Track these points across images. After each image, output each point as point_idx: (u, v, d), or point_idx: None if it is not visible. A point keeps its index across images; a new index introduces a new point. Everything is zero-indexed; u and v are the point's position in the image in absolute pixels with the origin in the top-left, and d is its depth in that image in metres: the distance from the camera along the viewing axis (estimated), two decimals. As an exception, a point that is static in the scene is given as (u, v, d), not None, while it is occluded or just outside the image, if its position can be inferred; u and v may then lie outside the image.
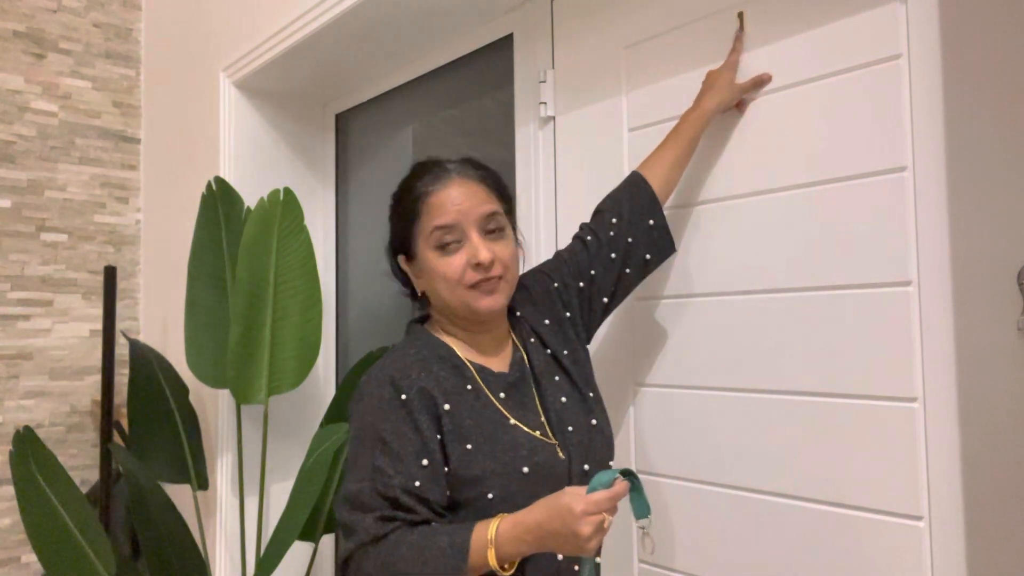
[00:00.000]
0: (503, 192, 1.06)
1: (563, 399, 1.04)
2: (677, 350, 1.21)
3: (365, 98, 2.06)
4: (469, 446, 0.95)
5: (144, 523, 1.75)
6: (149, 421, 1.97)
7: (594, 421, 1.05)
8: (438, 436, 0.95)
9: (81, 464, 2.43)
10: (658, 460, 1.23)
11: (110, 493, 2.03)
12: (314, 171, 2.19)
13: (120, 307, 2.51)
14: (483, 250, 0.98)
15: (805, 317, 1.04)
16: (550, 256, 1.42)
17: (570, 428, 1.02)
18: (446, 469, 0.95)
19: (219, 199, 1.90)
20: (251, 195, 1.97)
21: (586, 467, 1.01)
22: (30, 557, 2.32)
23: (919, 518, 0.92)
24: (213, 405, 2.08)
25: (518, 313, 1.12)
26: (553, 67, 1.45)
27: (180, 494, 2.10)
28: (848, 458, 0.99)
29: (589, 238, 1.13)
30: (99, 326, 2.46)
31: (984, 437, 0.87)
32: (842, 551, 0.99)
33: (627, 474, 0.88)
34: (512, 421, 0.99)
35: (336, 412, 1.86)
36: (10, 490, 2.26)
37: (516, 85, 1.54)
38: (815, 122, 1.04)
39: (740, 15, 1.13)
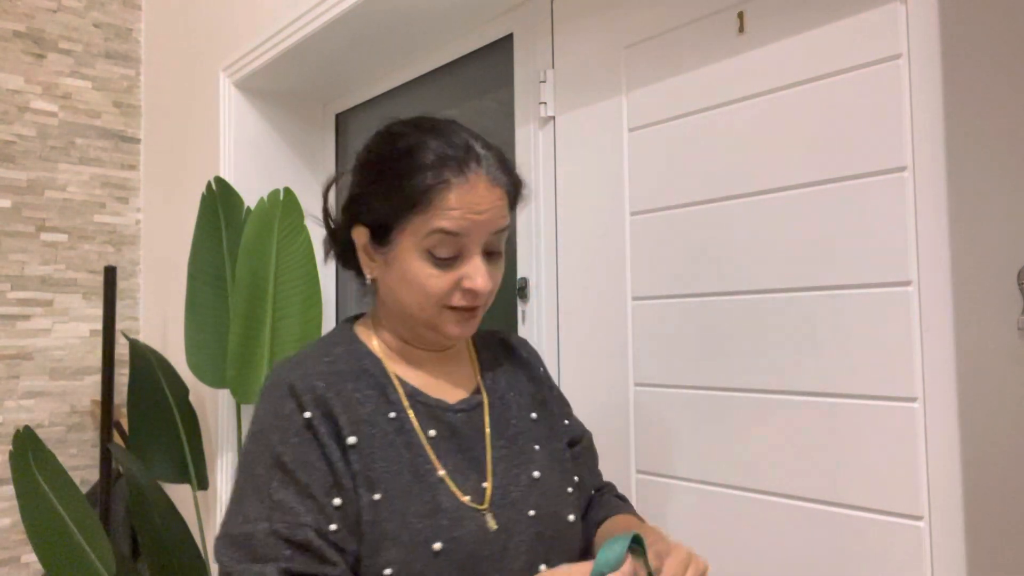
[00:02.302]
0: (515, 203, 0.87)
1: (535, 474, 0.84)
2: (676, 350, 1.21)
3: (365, 98, 2.06)
4: (378, 495, 0.74)
5: (144, 523, 1.75)
6: (149, 421, 1.97)
7: (571, 517, 0.85)
8: (351, 473, 0.75)
9: (81, 464, 2.43)
10: (657, 460, 1.23)
11: (110, 493, 2.03)
12: (314, 171, 2.19)
13: (120, 307, 2.50)
14: (483, 278, 0.79)
15: (805, 317, 1.04)
16: (550, 255, 1.42)
17: (531, 512, 0.81)
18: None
19: (219, 199, 1.90)
20: (251, 195, 1.97)
21: (542, 567, 0.79)
22: (30, 557, 2.32)
23: (919, 518, 0.92)
24: (213, 405, 2.08)
25: (498, 359, 0.94)
26: (553, 67, 1.45)
27: (180, 494, 2.10)
28: (848, 458, 0.99)
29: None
30: (99, 326, 2.46)
31: (984, 437, 0.87)
32: (842, 551, 0.99)
33: (635, 541, 0.71)
34: (440, 473, 0.78)
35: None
36: (10, 490, 2.26)
37: (516, 85, 1.54)
38: (815, 122, 1.04)
39: (740, 15, 1.13)
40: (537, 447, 0.87)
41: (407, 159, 0.79)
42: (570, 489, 0.87)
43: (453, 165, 0.78)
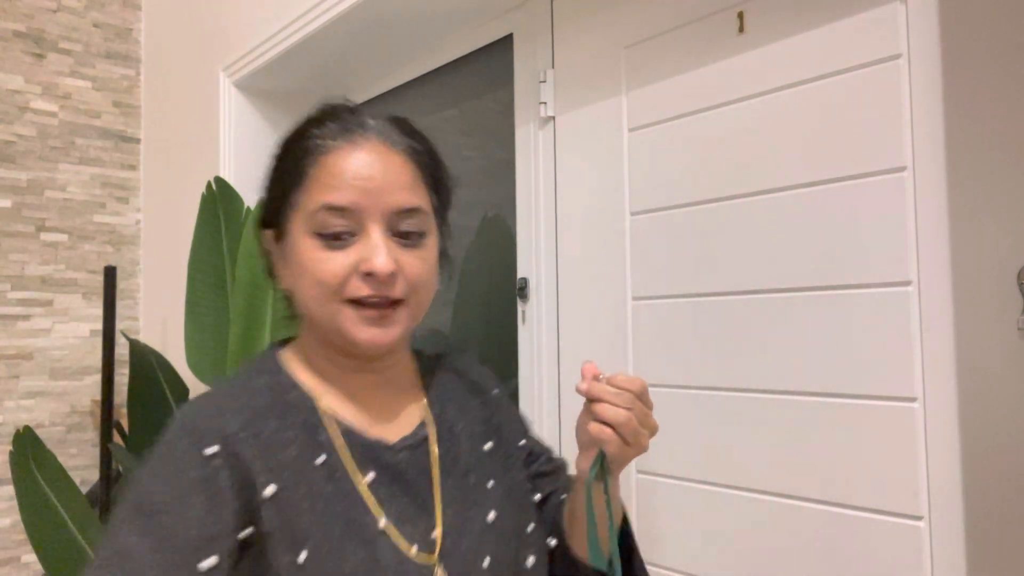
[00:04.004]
0: (438, 179, 0.75)
1: (489, 516, 0.73)
2: (676, 350, 1.21)
3: (365, 98, 2.06)
4: (303, 556, 0.62)
5: (144, 523, 1.75)
6: (149, 421, 1.97)
7: (531, 561, 0.74)
8: (241, 533, 0.61)
9: (81, 464, 2.43)
10: (658, 460, 1.23)
11: (110, 493, 2.03)
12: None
13: (120, 307, 2.51)
14: (382, 254, 0.66)
15: (805, 317, 1.04)
16: (549, 255, 1.42)
17: (486, 562, 0.70)
18: None
19: (219, 199, 1.90)
20: (251, 195, 1.97)
21: None
22: (30, 557, 2.32)
23: (919, 518, 0.92)
24: (213, 405, 2.08)
25: (445, 385, 0.82)
26: (553, 67, 1.45)
27: (180, 494, 2.10)
28: (848, 458, 0.98)
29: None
30: (99, 326, 2.46)
31: (984, 437, 0.87)
32: (842, 551, 0.99)
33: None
34: (380, 524, 0.67)
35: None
36: (10, 490, 2.26)
37: (516, 85, 1.54)
38: (815, 122, 1.04)
39: (740, 15, 1.13)
40: (492, 483, 0.76)
41: (295, 140, 0.72)
42: (530, 527, 0.77)
43: (336, 131, 0.70)
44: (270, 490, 0.64)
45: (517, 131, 1.52)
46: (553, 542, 0.81)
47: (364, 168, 0.68)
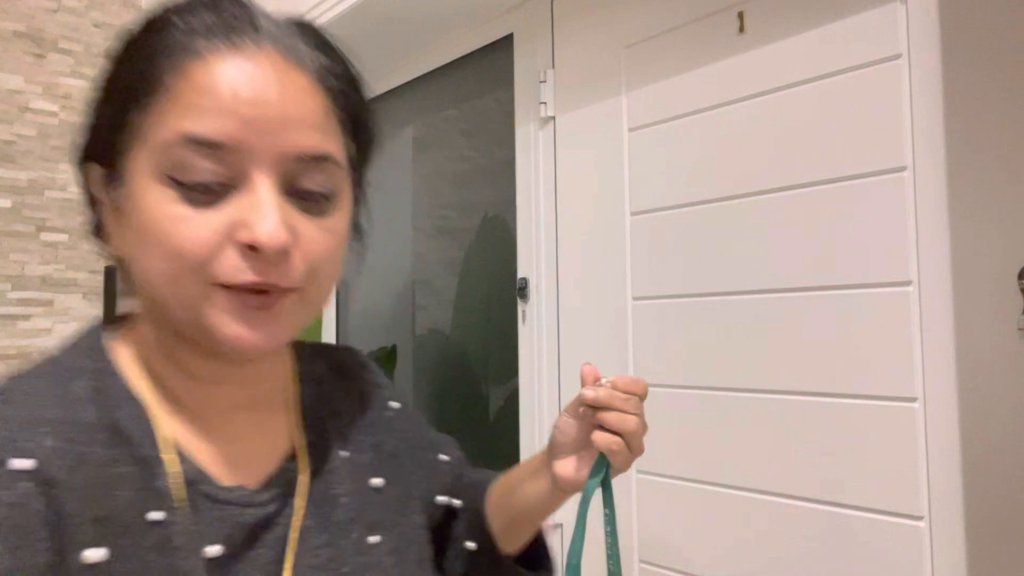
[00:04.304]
0: (359, 119, 0.54)
1: None
2: (676, 349, 1.21)
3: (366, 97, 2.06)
4: None
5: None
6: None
7: None
8: None
9: (81, 464, 2.43)
10: (658, 460, 1.23)
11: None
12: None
13: (120, 307, 2.50)
14: (271, 218, 0.46)
15: (805, 317, 1.04)
16: (550, 255, 1.42)
17: None
18: None
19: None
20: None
21: None
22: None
23: (919, 518, 0.92)
24: (213, 405, 2.08)
25: (328, 396, 0.63)
26: (553, 67, 1.45)
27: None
28: (848, 458, 0.98)
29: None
30: (99, 326, 2.46)
31: (984, 437, 0.87)
32: (842, 551, 0.99)
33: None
34: None
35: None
36: (10, 490, 2.26)
37: (516, 85, 1.54)
38: (815, 122, 1.04)
39: (740, 15, 1.13)
40: (377, 538, 0.57)
41: (145, 31, 0.49)
42: None
43: (212, 23, 0.47)
44: (96, 555, 0.44)
45: (517, 131, 1.52)
46: (471, 545, 0.69)
47: (253, 87, 0.46)
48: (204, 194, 0.46)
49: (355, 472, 0.60)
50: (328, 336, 2.10)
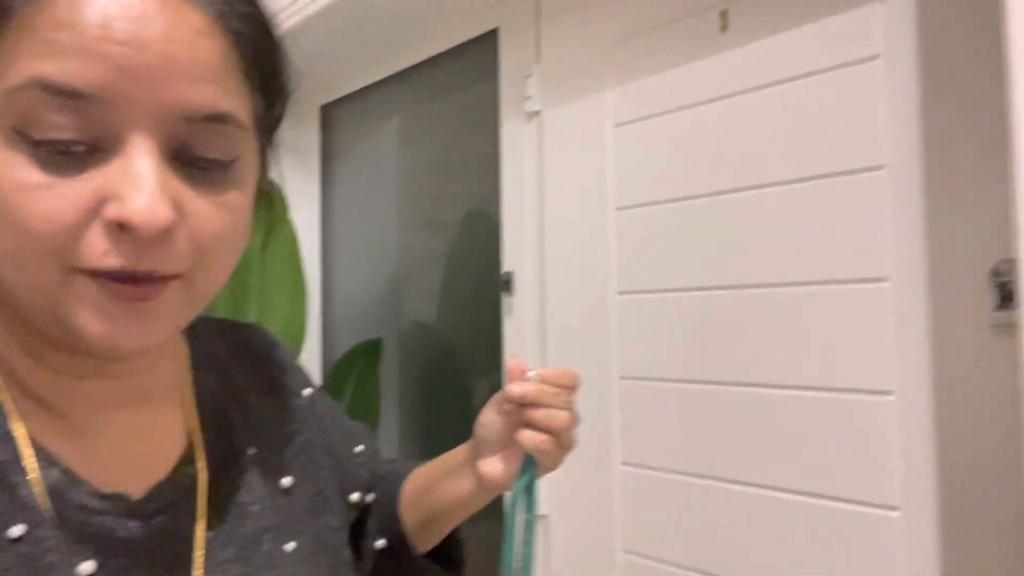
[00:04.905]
0: (266, 68, 0.44)
1: None
2: (661, 343, 1.23)
3: (350, 90, 2.05)
4: None
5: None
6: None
7: None
8: None
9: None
10: (643, 452, 1.25)
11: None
12: (298, 163, 2.19)
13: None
14: (146, 191, 0.37)
15: (784, 312, 1.06)
16: (535, 249, 1.42)
17: None
18: None
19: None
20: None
21: None
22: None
23: (894, 508, 0.94)
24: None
25: (229, 384, 0.55)
26: (539, 62, 1.45)
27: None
28: (825, 450, 1.01)
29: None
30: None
31: (957, 430, 0.89)
32: (819, 540, 1.01)
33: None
34: None
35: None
36: None
37: (501, 80, 1.54)
38: (794, 120, 1.05)
39: (723, 14, 1.14)
40: (292, 545, 0.51)
41: None
42: None
43: None
44: None
45: (503, 126, 1.53)
46: (380, 543, 0.65)
47: (129, 23, 0.36)
48: (63, 157, 0.37)
49: (264, 472, 0.52)
50: (313, 328, 2.10)
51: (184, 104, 0.38)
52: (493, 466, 0.60)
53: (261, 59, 0.43)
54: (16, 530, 0.39)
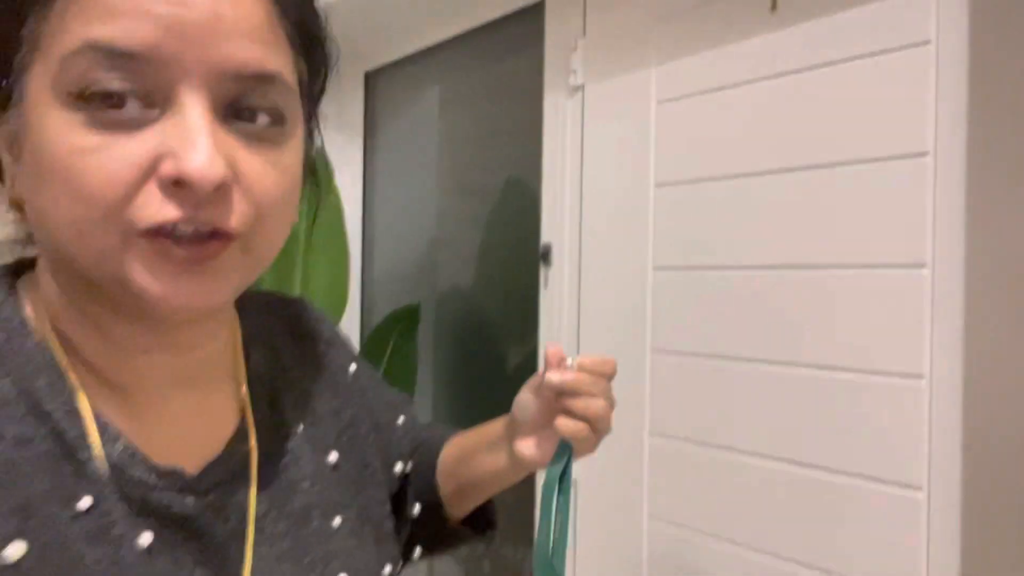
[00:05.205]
0: (311, 33, 0.46)
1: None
2: (694, 319, 1.25)
3: (395, 57, 2.08)
4: None
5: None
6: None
7: None
8: None
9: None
10: (671, 423, 1.28)
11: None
12: (343, 129, 2.22)
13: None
14: (203, 146, 0.38)
15: (821, 293, 1.07)
16: (574, 222, 1.44)
17: None
18: None
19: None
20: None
21: None
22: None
23: (919, 488, 0.97)
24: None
25: (279, 362, 0.57)
26: (584, 36, 1.46)
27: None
28: (856, 429, 1.03)
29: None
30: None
31: (986, 416, 0.91)
32: (844, 517, 1.04)
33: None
34: None
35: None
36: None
37: (546, 52, 1.55)
38: (841, 103, 1.06)
39: (772, -7, 1.14)
40: (338, 520, 0.53)
41: None
42: (387, 570, 0.58)
43: None
44: (14, 551, 0.38)
45: (546, 98, 1.55)
46: (416, 509, 0.67)
47: None
48: (118, 118, 0.38)
49: (313, 448, 0.54)
50: (353, 295, 2.15)
51: (232, 61, 0.39)
52: (529, 447, 0.62)
53: (303, 24, 0.45)
54: (85, 502, 0.41)
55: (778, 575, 1.11)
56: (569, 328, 1.47)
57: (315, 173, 0.52)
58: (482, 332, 1.82)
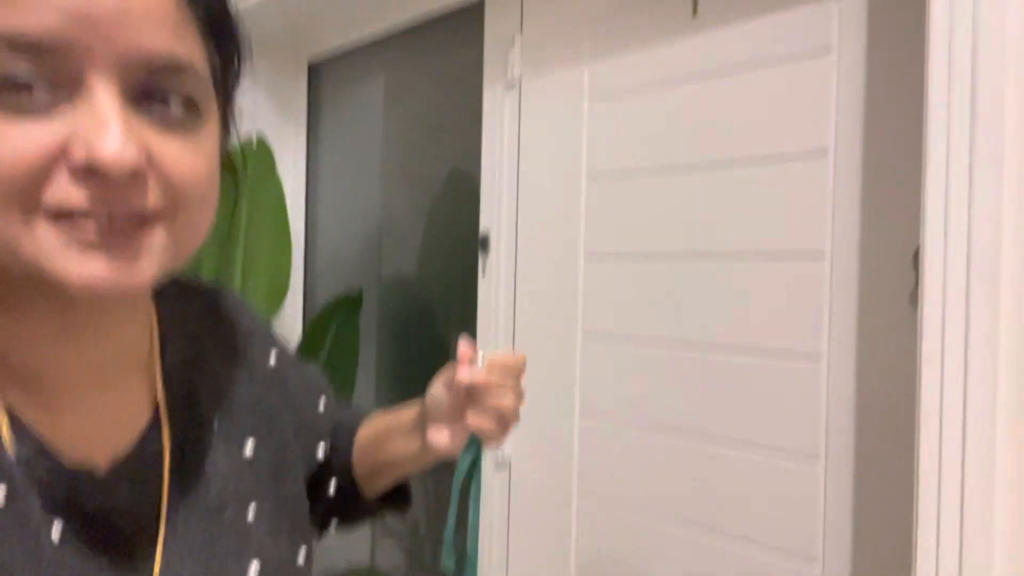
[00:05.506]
0: (220, 23, 0.47)
1: (251, 568, 0.52)
2: (621, 304, 1.32)
3: (339, 48, 2.10)
4: None
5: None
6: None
7: None
8: None
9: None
10: (600, 403, 1.35)
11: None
12: (286, 120, 2.24)
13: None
14: (113, 132, 0.38)
15: (734, 279, 1.16)
16: (510, 211, 1.49)
17: None
18: None
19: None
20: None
21: None
22: None
23: (816, 458, 1.06)
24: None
25: (196, 350, 0.56)
26: (521, 32, 1.52)
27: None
28: (760, 405, 1.12)
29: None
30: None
31: (875, 392, 1.00)
32: (751, 485, 1.13)
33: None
34: None
35: (301, 353, 1.95)
36: None
37: (486, 47, 1.60)
38: (753, 103, 1.14)
39: (695, 1, 1.22)
40: (252, 510, 0.54)
41: None
42: (301, 559, 0.58)
43: None
44: None
45: (485, 92, 1.60)
46: (333, 488, 0.70)
47: None
48: (25, 103, 0.37)
49: (227, 441, 0.54)
50: (295, 281, 2.18)
51: (141, 50, 0.39)
52: (441, 436, 0.64)
53: (213, 13, 0.45)
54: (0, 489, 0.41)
55: (696, 545, 1.19)
56: (506, 313, 1.53)
57: (234, 168, 0.51)
58: (423, 318, 1.87)
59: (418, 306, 1.88)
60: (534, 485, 1.46)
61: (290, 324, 2.24)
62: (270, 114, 2.20)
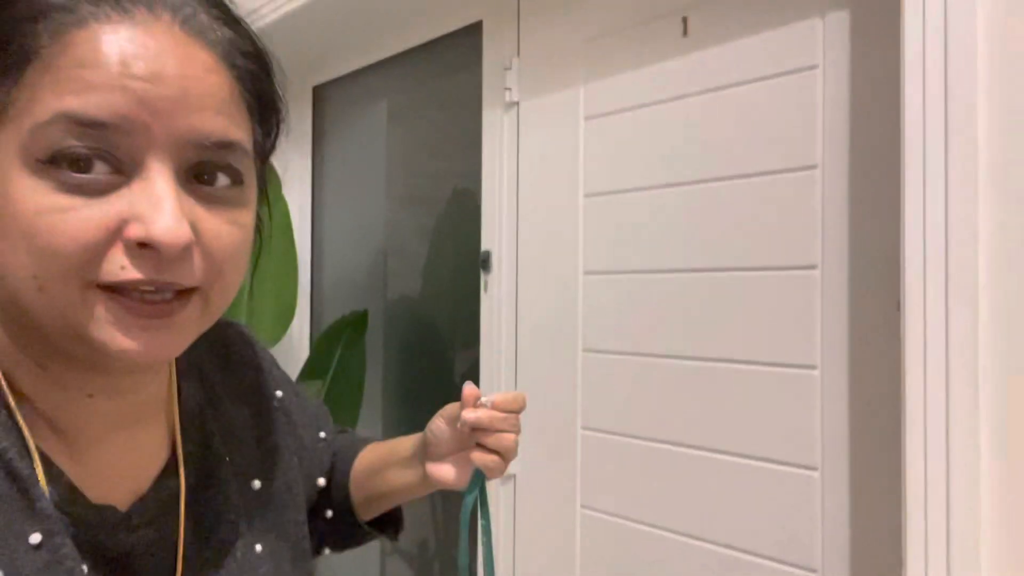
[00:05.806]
0: (266, 102, 0.50)
1: None
2: (620, 320, 1.34)
3: (342, 72, 2.14)
4: None
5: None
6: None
7: None
8: None
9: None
10: (599, 418, 1.37)
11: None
12: (292, 142, 2.28)
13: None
14: (168, 212, 0.41)
15: (726, 293, 1.18)
16: (511, 230, 1.52)
17: None
18: None
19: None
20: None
21: None
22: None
23: (814, 468, 1.07)
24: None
25: (209, 392, 0.60)
26: (519, 55, 1.55)
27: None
28: (757, 416, 1.13)
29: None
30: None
31: (868, 400, 1.02)
32: (750, 496, 1.14)
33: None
34: None
35: (308, 373, 1.98)
36: None
37: (484, 69, 1.64)
38: (743, 120, 1.16)
39: (684, 19, 1.25)
40: (260, 546, 0.56)
41: None
42: None
43: None
44: None
45: (484, 113, 1.63)
46: (330, 514, 0.74)
47: (147, 60, 0.40)
48: (85, 181, 0.40)
49: (238, 479, 0.57)
50: (302, 301, 2.21)
51: (198, 132, 0.43)
52: (444, 471, 0.69)
53: (261, 93, 0.49)
54: (35, 538, 0.43)
55: (697, 554, 1.21)
56: (507, 330, 1.56)
57: (260, 226, 0.54)
58: (428, 336, 1.89)
59: (422, 324, 1.91)
60: (538, 498, 1.48)
61: (297, 345, 2.27)
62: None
